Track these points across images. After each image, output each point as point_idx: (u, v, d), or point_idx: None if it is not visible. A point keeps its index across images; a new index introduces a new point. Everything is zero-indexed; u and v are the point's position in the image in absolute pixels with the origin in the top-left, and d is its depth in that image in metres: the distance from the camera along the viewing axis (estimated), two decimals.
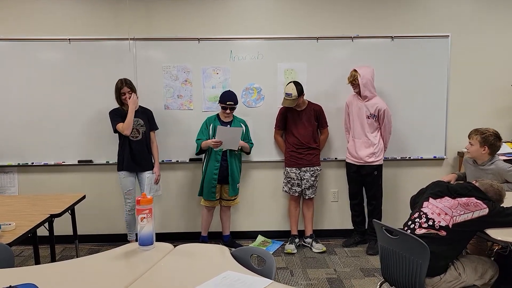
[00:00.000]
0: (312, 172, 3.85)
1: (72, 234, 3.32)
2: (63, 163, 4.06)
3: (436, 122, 4.13)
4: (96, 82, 3.96)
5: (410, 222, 2.39)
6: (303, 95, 3.77)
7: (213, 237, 4.15)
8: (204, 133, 3.76)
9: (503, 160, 2.99)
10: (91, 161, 4.07)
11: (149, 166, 3.77)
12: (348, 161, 3.92)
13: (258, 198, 4.24)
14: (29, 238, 2.43)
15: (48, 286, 1.57)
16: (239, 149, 3.79)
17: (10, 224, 2.37)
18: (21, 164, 4.04)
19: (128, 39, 3.95)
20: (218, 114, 3.82)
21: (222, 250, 1.92)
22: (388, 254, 2.32)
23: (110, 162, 4.02)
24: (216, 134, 3.60)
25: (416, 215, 2.38)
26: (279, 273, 3.48)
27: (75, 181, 4.12)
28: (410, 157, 4.18)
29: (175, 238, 4.17)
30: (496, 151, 2.93)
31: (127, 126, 3.55)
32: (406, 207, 2.84)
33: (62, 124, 4.01)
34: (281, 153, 4.06)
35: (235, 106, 3.72)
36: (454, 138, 4.15)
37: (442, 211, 2.27)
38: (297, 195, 3.92)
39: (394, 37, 4.03)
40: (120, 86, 3.59)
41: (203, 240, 3.93)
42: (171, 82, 4.03)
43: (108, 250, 1.92)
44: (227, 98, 3.67)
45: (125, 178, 3.69)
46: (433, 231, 2.24)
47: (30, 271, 1.72)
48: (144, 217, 1.88)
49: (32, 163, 4.05)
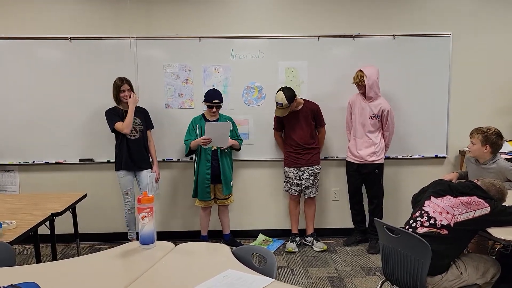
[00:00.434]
0: (311, 172, 3.84)
1: (73, 232, 3.33)
2: (64, 162, 4.07)
3: (438, 120, 4.13)
4: (97, 80, 3.96)
5: (412, 221, 2.38)
6: (296, 100, 3.67)
7: (214, 236, 4.15)
8: (191, 133, 3.74)
9: (505, 159, 2.98)
10: (92, 159, 4.07)
11: (147, 164, 3.77)
12: (348, 159, 3.91)
13: (259, 197, 4.24)
14: (30, 237, 2.44)
15: (49, 284, 1.57)
16: (229, 147, 3.77)
17: (11, 223, 2.37)
18: (22, 162, 4.05)
19: (129, 37, 3.95)
20: (203, 114, 3.80)
21: (223, 249, 1.92)
22: (389, 253, 2.32)
23: (111, 161, 4.02)
24: (204, 131, 3.58)
25: (418, 213, 2.37)
26: (280, 272, 3.47)
27: (76, 180, 4.13)
28: (411, 156, 4.18)
29: (175, 237, 4.17)
30: (498, 150, 2.93)
31: (126, 125, 3.55)
32: (408, 206, 2.84)
33: (63, 122, 4.01)
34: (278, 153, 4.04)
35: (221, 104, 3.72)
36: (456, 136, 4.14)
37: (444, 210, 2.26)
38: (296, 194, 3.91)
39: (396, 35, 4.02)
40: (120, 84, 3.58)
41: (203, 240, 3.93)
42: (172, 80, 4.02)
43: (109, 249, 1.92)
44: (213, 97, 3.66)
45: (123, 177, 3.69)
46: (434, 230, 2.23)
47: (31, 270, 1.72)
48: (145, 216, 1.87)
49: (33, 161, 4.05)
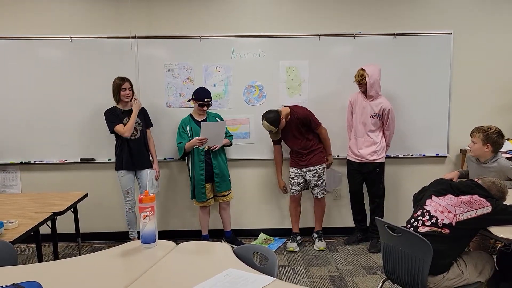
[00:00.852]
0: (313, 172, 3.81)
1: (75, 232, 3.33)
2: (65, 161, 4.07)
3: (439, 119, 4.12)
4: (98, 80, 3.96)
5: (413, 219, 2.38)
6: (282, 120, 3.61)
7: (215, 235, 4.15)
8: (183, 136, 3.70)
9: (506, 158, 2.98)
10: (93, 159, 4.07)
11: (147, 163, 3.78)
12: (349, 158, 3.90)
13: (260, 196, 4.24)
14: (32, 236, 2.44)
15: (51, 284, 1.58)
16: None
17: (13, 222, 2.37)
18: (23, 162, 4.05)
19: (129, 37, 3.95)
20: (191, 114, 3.78)
21: (225, 248, 1.92)
22: (390, 251, 2.32)
23: (112, 160, 4.01)
24: (200, 131, 3.56)
25: (419, 212, 2.37)
26: (281, 270, 3.48)
27: (78, 179, 4.13)
28: (412, 155, 4.17)
29: (176, 236, 4.17)
30: (499, 149, 2.92)
31: (128, 129, 3.57)
32: (409, 205, 2.83)
33: (64, 122, 4.01)
34: (283, 151, 4.02)
35: (211, 102, 3.71)
36: (457, 135, 4.14)
37: (445, 209, 2.26)
38: (296, 194, 3.91)
39: (397, 34, 4.01)
40: (120, 82, 3.58)
41: (204, 239, 3.93)
42: (172, 80, 4.02)
43: (110, 248, 1.92)
44: (204, 95, 3.64)
45: (124, 177, 3.69)
46: (436, 229, 2.23)
47: (33, 269, 1.73)
48: (147, 215, 1.87)
49: (35, 161, 4.06)
